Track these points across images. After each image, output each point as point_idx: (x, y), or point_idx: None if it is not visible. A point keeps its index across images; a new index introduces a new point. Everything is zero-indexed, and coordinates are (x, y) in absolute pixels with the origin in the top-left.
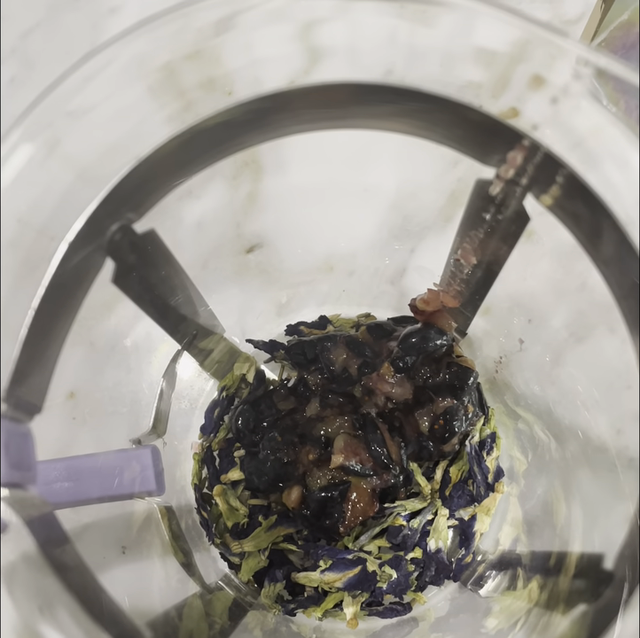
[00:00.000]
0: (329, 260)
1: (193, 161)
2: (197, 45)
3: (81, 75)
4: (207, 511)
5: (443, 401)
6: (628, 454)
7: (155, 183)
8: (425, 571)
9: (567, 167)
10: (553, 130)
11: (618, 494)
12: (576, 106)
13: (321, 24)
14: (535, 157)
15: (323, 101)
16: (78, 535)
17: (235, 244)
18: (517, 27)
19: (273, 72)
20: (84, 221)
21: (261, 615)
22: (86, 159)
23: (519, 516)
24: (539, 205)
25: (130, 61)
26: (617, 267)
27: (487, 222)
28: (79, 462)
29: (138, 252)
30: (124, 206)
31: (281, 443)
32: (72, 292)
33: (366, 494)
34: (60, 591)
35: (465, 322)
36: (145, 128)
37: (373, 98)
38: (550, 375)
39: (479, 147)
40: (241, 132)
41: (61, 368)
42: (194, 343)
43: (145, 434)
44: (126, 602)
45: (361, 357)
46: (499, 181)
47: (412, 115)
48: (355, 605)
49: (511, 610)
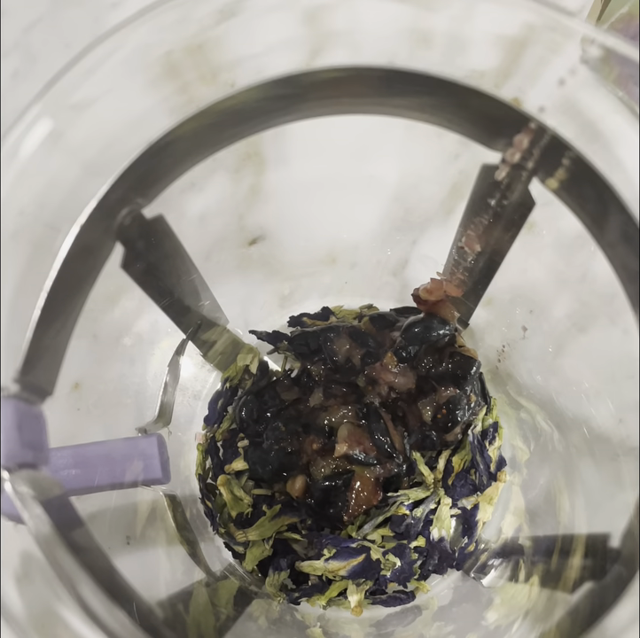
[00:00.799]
0: (331, 251)
1: (201, 146)
2: (199, 34)
3: (83, 67)
4: (212, 501)
5: (446, 391)
6: (630, 443)
7: (164, 168)
8: (429, 559)
9: (574, 150)
10: (559, 113)
11: (620, 484)
12: (583, 89)
13: (324, 10)
14: (542, 140)
15: (329, 86)
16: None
17: (238, 236)
18: (523, 8)
19: (276, 60)
20: (95, 205)
21: (265, 603)
22: (90, 150)
23: (522, 505)
24: (544, 192)
25: (132, 51)
26: (623, 249)
27: (492, 208)
28: (86, 450)
29: (147, 238)
30: (133, 190)
31: (285, 433)
32: (83, 276)
33: (370, 483)
34: (79, 571)
35: (468, 312)
36: (149, 117)
37: (378, 83)
38: (551, 365)
39: (485, 131)
40: (246, 119)
41: (66, 359)
42: (198, 334)
43: (151, 423)
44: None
45: (364, 347)
46: (505, 165)
47: (418, 99)
48: (359, 593)
49: (512, 605)
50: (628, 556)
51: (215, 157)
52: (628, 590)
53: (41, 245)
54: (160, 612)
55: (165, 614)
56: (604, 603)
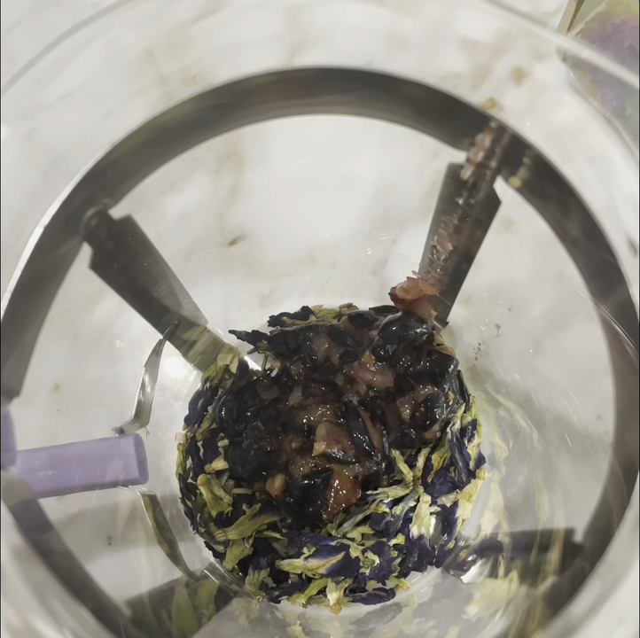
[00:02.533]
0: (311, 251)
1: (169, 146)
2: (176, 29)
3: (54, 58)
4: (192, 501)
5: (424, 389)
6: (608, 439)
7: (131, 168)
8: (408, 557)
9: (534, 149)
10: (522, 114)
11: (598, 479)
12: (544, 90)
13: (303, 10)
14: (503, 139)
15: (303, 86)
16: (64, 525)
17: (218, 236)
18: (498, 17)
19: (254, 57)
20: (59, 206)
21: (245, 602)
22: (61, 144)
23: (501, 502)
24: (511, 190)
25: (106, 45)
26: (584, 246)
27: (460, 207)
28: (62, 451)
29: (116, 239)
30: (99, 191)
31: (264, 432)
32: (49, 277)
33: (348, 481)
34: (49, 578)
35: (445, 310)
36: (122, 112)
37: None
38: (530, 363)
39: (449, 131)
40: (218, 116)
41: (46, 360)
42: (177, 333)
43: (128, 423)
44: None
45: (342, 346)
46: (470, 164)
47: (382, 99)
48: (338, 591)
49: (492, 598)
50: (590, 550)
51: (195, 157)
52: (587, 582)
53: (4, 246)
54: (128, 611)
55: (134, 612)
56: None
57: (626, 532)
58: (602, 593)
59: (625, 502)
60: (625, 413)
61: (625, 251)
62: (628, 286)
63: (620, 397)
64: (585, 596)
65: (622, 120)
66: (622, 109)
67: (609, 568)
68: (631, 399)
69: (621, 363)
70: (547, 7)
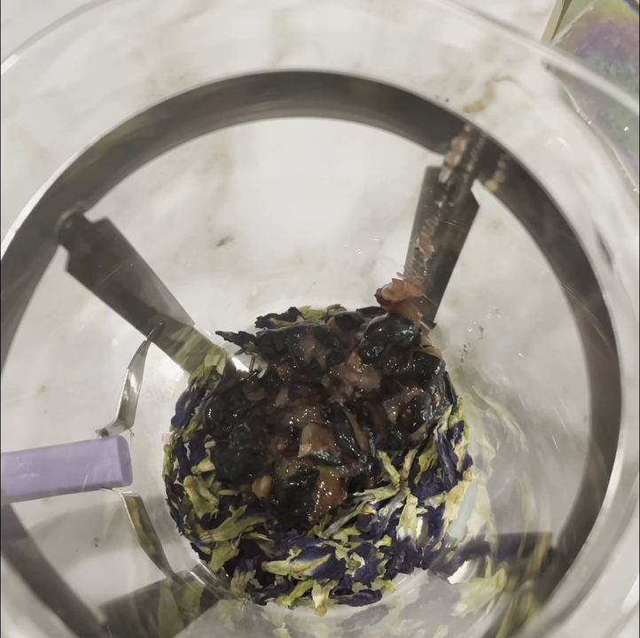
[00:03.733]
0: (299, 252)
1: (142, 149)
2: (164, 28)
3: (38, 51)
4: (178, 502)
5: (410, 390)
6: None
7: (105, 170)
8: (395, 558)
9: (509, 153)
10: (502, 119)
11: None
12: (526, 96)
13: (292, 13)
14: (478, 143)
15: (287, 89)
16: (50, 527)
17: (206, 237)
18: (481, 27)
19: (242, 58)
20: (31, 209)
21: (230, 604)
22: (43, 141)
23: (488, 504)
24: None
25: (93, 40)
26: (559, 250)
27: (440, 210)
28: (45, 454)
29: (93, 242)
30: (74, 193)
31: (250, 434)
32: (22, 280)
33: (334, 483)
34: (21, 589)
35: (432, 311)
36: (104, 112)
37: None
38: (517, 364)
39: (425, 135)
40: (203, 116)
41: (33, 362)
42: (163, 334)
43: (111, 425)
44: (97, 593)
45: (329, 348)
46: (447, 168)
47: (362, 104)
48: (323, 593)
49: (481, 595)
50: (566, 553)
51: (183, 157)
52: (562, 582)
53: None
54: (113, 614)
55: (119, 614)
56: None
57: (597, 534)
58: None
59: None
60: (599, 417)
61: (598, 256)
62: (601, 291)
63: (596, 400)
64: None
65: (605, 125)
66: (605, 114)
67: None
68: (605, 403)
69: (597, 366)
70: (536, 7)
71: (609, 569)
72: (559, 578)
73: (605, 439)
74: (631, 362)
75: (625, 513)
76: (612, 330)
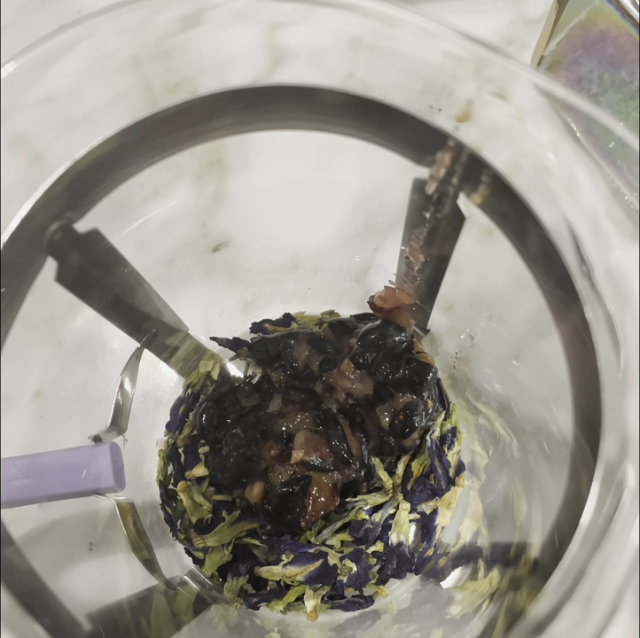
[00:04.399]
0: (294, 258)
1: (127, 162)
2: (161, 38)
3: (37, 59)
4: (172, 507)
5: (403, 397)
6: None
7: (98, 178)
8: (387, 564)
9: (491, 168)
10: (488, 134)
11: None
12: (513, 110)
13: (284, 26)
14: (461, 157)
15: (280, 102)
16: (45, 532)
17: (201, 243)
18: (468, 49)
19: (236, 70)
20: (20, 221)
21: (223, 609)
22: (39, 146)
23: (480, 509)
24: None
25: (91, 48)
26: (542, 263)
27: (428, 221)
28: (38, 460)
29: (82, 253)
30: (63, 204)
31: (243, 439)
32: (11, 291)
33: (327, 489)
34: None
35: (425, 318)
36: (101, 119)
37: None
38: (510, 371)
39: (411, 148)
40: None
41: (28, 367)
42: (157, 340)
43: (104, 431)
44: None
45: (322, 354)
46: (433, 180)
47: (349, 117)
48: (315, 598)
49: (474, 596)
50: (548, 561)
51: (178, 164)
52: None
53: None
54: (89, 625)
55: (112, 619)
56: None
57: (583, 533)
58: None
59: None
60: (582, 425)
61: (578, 270)
62: (582, 305)
63: (579, 409)
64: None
65: (593, 138)
66: (592, 128)
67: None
68: (588, 412)
69: (580, 375)
70: (532, 15)
71: (595, 567)
72: (548, 576)
73: (588, 448)
74: (611, 371)
75: (608, 511)
76: (593, 343)
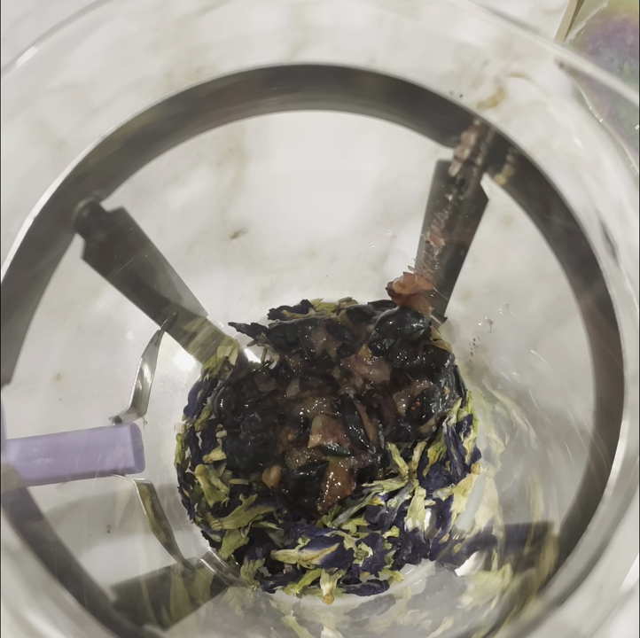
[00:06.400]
0: (312, 245)
1: (158, 141)
2: (181, 22)
3: (56, 44)
4: (189, 490)
5: (420, 383)
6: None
7: (122, 161)
8: (402, 549)
9: (517, 147)
10: (514, 116)
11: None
12: (538, 93)
13: (308, 7)
14: (487, 136)
15: (301, 82)
16: (64, 513)
17: (220, 229)
18: (495, 25)
19: (258, 51)
20: (49, 197)
21: (240, 591)
22: (60, 132)
23: (495, 497)
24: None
25: (110, 33)
26: (566, 244)
27: (450, 203)
28: (59, 439)
29: (108, 231)
30: (90, 182)
31: (261, 424)
32: (39, 267)
33: (344, 474)
34: (40, 569)
35: (443, 305)
36: (121, 104)
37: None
38: (527, 359)
39: (436, 128)
40: (218, 107)
41: (48, 350)
42: (176, 325)
43: (125, 412)
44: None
45: (340, 340)
46: (457, 161)
47: (374, 97)
48: (331, 582)
49: (486, 589)
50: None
51: (198, 150)
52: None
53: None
54: (113, 595)
55: (129, 599)
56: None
57: (597, 523)
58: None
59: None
60: (604, 409)
61: (603, 249)
62: (606, 284)
63: (601, 391)
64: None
65: (617, 123)
66: (617, 112)
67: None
68: (609, 395)
69: (602, 359)
70: (551, 4)
71: (608, 554)
72: (560, 565)
73: (607, 432)
74: (634, 354)
75: (624, 501)
76: (616, 322)
